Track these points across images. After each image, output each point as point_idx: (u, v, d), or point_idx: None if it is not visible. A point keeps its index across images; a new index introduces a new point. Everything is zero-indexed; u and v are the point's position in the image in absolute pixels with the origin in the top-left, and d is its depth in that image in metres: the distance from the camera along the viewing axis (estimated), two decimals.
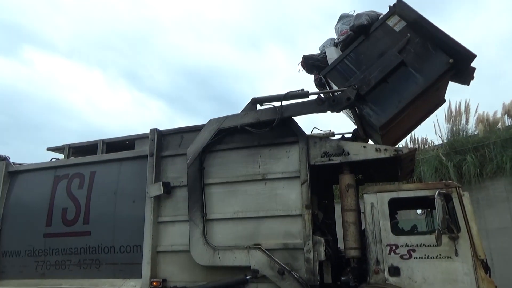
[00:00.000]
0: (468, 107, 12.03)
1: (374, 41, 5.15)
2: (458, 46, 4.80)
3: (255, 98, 5.51)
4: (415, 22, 4.99)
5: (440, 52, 4.82)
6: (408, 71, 4.86)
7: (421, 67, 4.85)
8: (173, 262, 5.54)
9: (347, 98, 4.94)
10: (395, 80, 4.87)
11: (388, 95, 4.90)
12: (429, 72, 4.82)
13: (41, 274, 6.32)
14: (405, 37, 4.96)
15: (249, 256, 5.04)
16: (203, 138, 5.61)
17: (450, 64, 4.78)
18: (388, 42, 5.05)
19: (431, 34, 4.89)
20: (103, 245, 5.98)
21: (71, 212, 6.26)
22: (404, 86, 4.85)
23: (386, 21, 5.13)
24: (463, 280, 4.40)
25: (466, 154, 10.97)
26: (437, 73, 4.81)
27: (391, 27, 5.08)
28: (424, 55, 4.87)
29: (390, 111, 4.86)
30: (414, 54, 4.87)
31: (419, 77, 4.82)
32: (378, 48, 5.09)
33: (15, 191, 6.95)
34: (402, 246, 4.68)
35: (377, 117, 4.89)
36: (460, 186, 4.85)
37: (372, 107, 4.95)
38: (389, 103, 4.88)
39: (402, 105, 4.84)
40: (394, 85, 4.88)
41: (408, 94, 4.84)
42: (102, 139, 6.76)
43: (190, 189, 5.52)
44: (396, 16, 5.08)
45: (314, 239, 4.89)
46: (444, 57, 4.79)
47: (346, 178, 5.12)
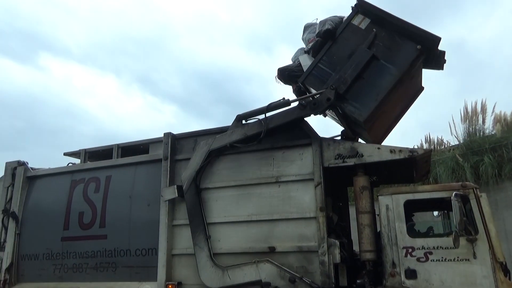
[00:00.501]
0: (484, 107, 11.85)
1: (344, 42, 5.30)
2: (423, 32, 4.93)
3: (239, 115, 5.66)
4: (378, 17, 5.17)
5: (407, 41, 4.98)
6: (381, 64, 5.00)
7: (392, 58, 4.99)
8: (188, 265, 5.56)
9: (327, 99, 5.00)
10: (370, 74, 5.00)
11: (366, 90, 4.99)
12: (400, 61, 4.95)
13: (59, 277, 6.42)
14: (371, 33, 5.12)
15: (258, 270, 5.05)
16: (195, 162, 5.69)
17: (418, 50, 4.90)
18: (357, 41, 5.19)
19: (395, 26, 5.06)
20: (119, 248, 6.04)
21: (88, 216, 6.36)
22: (379, 79, 4.96)
23: (351, 21, 5.31)
24: (481, 283, 4.31)
25: (483, 154, 10.78)
26: (408, 60, 4.93)
27: (356, 26, 5.26)
28: (393, 47, 5.02)
29: (371, 105, 4.93)
30: (383, 47, 5.03)
31: (392, 68, 4.95)
32: (349, 48, 5.22)
33: (33, 195, 7.08)
34: (418, 248, 4.62)
35: (359, 112, 4.96)
36: (478, 187, 4.77)
37: (353, 104, 5.02)
38: (368, 97, 4.97)
39: (381, 97, 4.92)
40: (370, 79, 5.00)
41: (385, 85, 4.94)
42: (117, 143, 6.85)
43: (190, 213, 5.56)
44: (359, 15, 5.27)
45: (329, 241, 4.86)
46: (411, 45, 4.93)
47: (361, 180, 5.07)
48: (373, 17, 5.22)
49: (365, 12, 5.27)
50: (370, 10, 5.24)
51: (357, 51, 5.09)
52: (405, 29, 5.00)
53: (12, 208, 6.98)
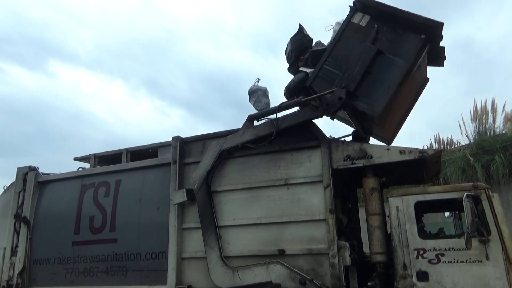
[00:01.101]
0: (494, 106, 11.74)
1: (346, 41, 5.24)
2: (424, 20, 4.86)
3: (251, 115, 5.67)
4: (378, 12, 5.12)
5: (410, 32, 4.93)
6: (387, 58, 4.95)
7: (398, 51, 4.94)
8: (198, 269, 5.57)
9: (339, 98, 4.92)
10: (378, 69, 4.95)
11: (376, 85, 4.93)
12: (407, 53, 4.91)
13: (70, 282, 6.47)
14: (373, 29, 5.08)
15: (269, 271, 5.03)
16: (206, 162, 5.69)
17: (423, 39, 4.88)
18: (359, 38, 5.15)
19: (396, 18, 5.01)
20: (129, 252, 6.07)
21: (98, 220, 6.40)
22: (388, 73, 4.91)
23: (351, 20, 5.26)
24: (495, 284, 4.25)
25: (494, 154, 10.66)
26: (414, 51, 4.90)
27: (357, 24, 5.22)
28: (397, 39, 4.98)
29: (383, 99, 4.85)
30: (387, 41, 4.99)
31: (399, 60, 4.91)
32: (353, 46, 5.16)
33: (44, 200, 7.15)
34: (430, 250, 4.57)
35: (372, 108, 4.88)
36: (489, 187, 4.71)
37: (365, 101, 4.93)
38: (379, 92, 4.90)
39: (392, 90, 4.85)
40: (379, 74, 4.94)
41: (394, 78, 4.88)
42: (126, 148, 6.89)
43: (201, 214, 5.57)
44: (358, 13, 5.23)
45: (339, 244, 4.83)
46: (415, 35, 4.90)
47: (370, 181, 5.04)
48: (373, 12, 5.18)
49: (364, 9, 5.23)
50: (369, 6, 5.19)
51: (361, 48, 5.05)
52: (406, 19, 4.95)
53: (23, 213, 7.06)
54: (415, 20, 4.91)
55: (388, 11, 5.05)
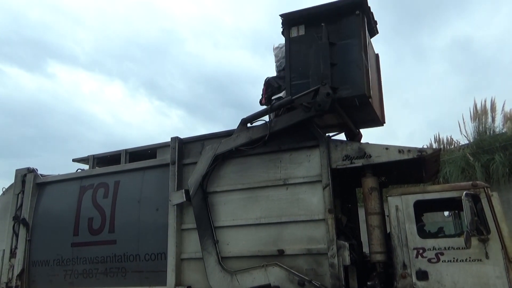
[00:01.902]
0: (494, 105, 11.73)
1: (297, 54, 5.50)
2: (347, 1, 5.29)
3: (244, 119, 5.67)
4: (306, 18, 5.46)
5: (344, 16, 5.33)
6: (341, 44, 5.26)
7: (346, 34, 5.29)
8: (198, 269, 5.55)
9: (326, 95, 4.95)
10: (340, 58, 5.21)
11: (346, 70, 5.17)
12: (353, 32, 5.28)
13: (69, 283, 6.45)
14: (313, 32, 5.38)
15: (267, 274, 5.03)
16: (201, 167, 5.69)
17: (359, 14, 5.29)
18: (307, 45, 5.42)
19: (324, 13, 5.36)
20: (129, 253, 6.06)
21: (97, 221, 6.38)
22: (349, 55, 5.21)
23: (290, 36, 5.57)
24: (495, 283, 4.24)
25: (494, 153, 10.65)
26: (358, 27, 5.29)
27: (297, 36, 5.54)
28: (339, 27, 5.33)
29: (360, 76, 5.10)
30: (332, 33, 5.27)
31: (351, 41, 5.26)
32: (305, 54, 5.40)
33: (43, 202, 7.14)
34: (429, 249, 4.56)
35: (356, 88, 5.08)
36: (489, 186, 4.71)
37: (346, 87, 5.11)
38: (352, 73, 5.14)
39: (361, 66, 5.13)
40: (343, 61, 5.20)
41: (357, 56, 5.19)
42: (125, 149, 6.88)
43: (198, 219, 5.57)
44: (293, 28, 5.56)
45: (338, 243, 4.82)
46: (351, 16, 5.30)
47: (369, 181, 5.04)
48: (302, 20, 5.50)
49: (293, 22, 5.55)
50: (295, 18, 5.53)
51: (314, 50, 5.27)
52: (334, 10, 5.32)
53: (22, 215, 7.04)
54: (339, 4, 5.29)
55: (312, 11, 5.41)
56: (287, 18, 5.59)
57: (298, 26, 5.54)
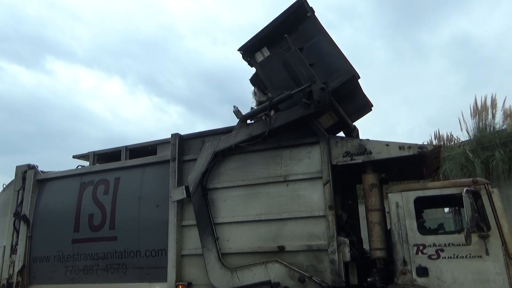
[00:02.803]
0: (494, 101, 11.71)
1: (272, 72, 5.68)
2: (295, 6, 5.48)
3: (243, 116, 5.68)
4: (264, 40, 5.65)
5: (299, 23, 5.58)
6: (310, 45, 5.47)
7: (310, 35, 5.51)
8: (198, 266, 5.56)
9: (321, 89, 4.97)
10: (315, 56, 5.40)
11: (327, 62, 5.34)
12: (315, 30, 5.53)
13: (70, 279, 6.47)
14: (277, 48, 5.59)
15: (268, 270, 5.04)
16: (201, 164, 5.70)
17: (311, 15, 5.55)
18: (278, 61, 5.58)
19: (280, 28, 5.53)
20: (129, 250, 6.07)
21: (97, 218, 6.39)
22: (323, 50, 5.43)
23: (258, 62, 5.76)
24: (495, 279, 4.25)
25: (494, 150, 10.65)
26: (316, 25, 5.56)
27: (264, 58, 5.72)
28: (300, 33, 5.54)
29: (343, 62, 5.33)
30: (297, 39, 5.46)
31: (317, 38, 5.49)
32: (279, 69, 5.55)
33: (44, 198, 7.15)
34: (429, 245, 4.57)
35: (343, 73, 5.26)
36: (489, 182, 4.70)
37: (334, 76, 5.25)
38: (334, 62, 5.34)
39: (337, 52, 5.40)
40: (318, 57, 5.41)
41: (330, 47, 5.44)
42: (125, 145, 6.87)
43: (198, 216, 5.58)
44: (257, 53, 5.75)
45: (339, 240, 4.83)
46: (305, 19, 5.55)
47: (370, 177, 5.04)
48: (263, 43, 5.68)
49: (254, 49, 5.73)
50: (255, 44, 5.69)
51: (287, 62, 5.36)
52: (285, 22, 5.51)
53: (23, 211, 7.06)
54: (289, 14, 5.49)
55: (267, 31, 5.58)
56: (246, 49, 5.77)
57: (260, 50, 5.74)
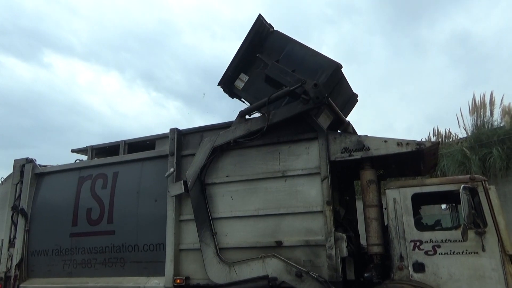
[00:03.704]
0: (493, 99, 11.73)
1: (256, 93, 5.80)
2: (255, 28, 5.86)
3: (242, 111, 5.70)
4: (240, 67, 5.95)
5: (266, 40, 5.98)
6: (283, 57, 5.74)
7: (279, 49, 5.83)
8: (196, 260, 5.59)
9: (314, 85, 5.01)
10: (292, 63, 5.59)
11: (305, 66, 5.52)
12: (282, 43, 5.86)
13: (68, 273, 6.49)
14: (254, 69, 5.92)
15: (265, 265, 5.06)
16: (199, 160, 5.71)
17: (273, 30, 6.00)
18: (259, 81, 5.72)
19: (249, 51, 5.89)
20: (127, 244, 6.09)
21: (96, 212, 6.40)
22: (296, 56, 5.70)
23: (240, 88, 6.01)
24: (490, 276, 4.29)
25: (491, 147, 10.68)
26: (282, 37, 5.93)
27: (245, 83, 5.98)
28: (270, 49, 5.92)
29: (319, 58, 5.55)
30: (269, 56, 5.82)
31: (288, 48, 5.80)
32: (263, 87, 5.64)
33: (42, 192, 7.15)
34: (426, 241, 4.60)
35: (327, 67, 5.39)
36: (486, 179, 4.72)
37: (319, 73, 5.35)
38: (312, 63, 5.52)
39: (312, 52, 5.65)
40: (296, 63, 5.59)
41: (302, 51, 5.71)
42: (123, 140, 6.87)
43: (196, 210, 5.59)
44: (235, 82, 6.03)
45: (336, 235, 4.86)
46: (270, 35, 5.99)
47: (368, 173, 5.06)
48: (238, 70, 5.96)
49: (232, 79, 6.00)
50: (231, 74, 5.97)
51: (269, 78, 5.48)
52: (253, 42, 5.89)
53: (21, 205, 7.06)
54: (253, 35, 5.85)
55: (238, 59, 5.90)
56: (224, 82, 6.03)
57: (238, 77, 6.00)
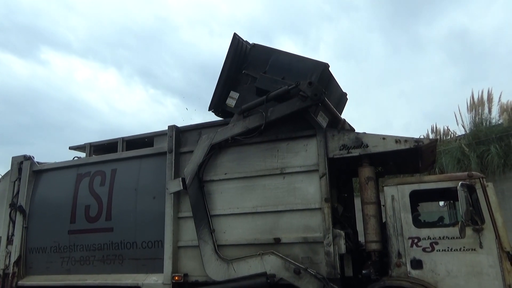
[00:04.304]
0: (491, 96, 11.73)
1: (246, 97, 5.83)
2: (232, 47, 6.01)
3: (241, 109, 5.69)
4: (228, 84, 6.00)
5: (249, 54, 6.12)
6: (269, 67, 5.78)
7: (263, 61, 5.89)
8: (194, 257, 5.59)
9: (309, 84, 5.04)
10: (280, 72, 5.63)
11: (293, 72, 5.52)
12: (265, 54, 5.94)
13: (66, 270, 6.49)
14: (243, 85, 5.99)
15: (263, 262, 5.07)
16: (197, 157, 5.71)
17: (252, 44, 6.18)
18: (251, 95, 5.73)
19: (233, 70, 6.01)
20: (126, 241, 6.09)
21: (94, 209, 6.40)
22: (282, 64, 5.75)
23: (232, 106, 5.97)
24: (488, 272, 4.30)
25: (489, 144, 10.69)
26: (264, 51, 6.04)
27: (236, 100, 5.96)
28: (254, 63, 6.02)
29: (305, 62, 5.59)
30: (256, 69, 5.90)
31: (272, 58, 5.84)
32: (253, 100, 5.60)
33: (40, 189, 7.15)
34: (424, 238, 4.62)
35: (315, 69, 5.40)
36: (484, 176, 4.73)
37: (308, 77, 5.30)
38: (300, 67, 5.55)
39: (298, 57, 5.75)
40: (284, 70, 5.63)
41: (287, 58, 5.82)
42: (122, 137, 6.87)
43: (194, 208, 5.60)
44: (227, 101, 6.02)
45: (334, 232, 4.86)
46: (252, 50, 6.14)
47: (366, 170, 5.06)
48: (228, 88, 6.01)
49: (223, 99, 6.02)
50: (222, 95, 6.00)
51: (260, 90, 5.55)
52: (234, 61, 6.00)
53: (19, 202, 7.06)
54: (233, 54, 5.98)
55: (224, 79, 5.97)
56: (214, 105, 6.06)
57: (228, 96, 6.02)
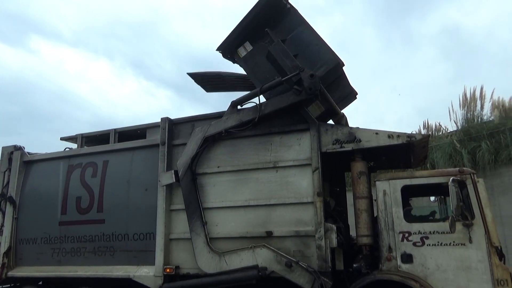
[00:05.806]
0: (483, 93, 11.80)
1: (257, 65, 5.72)
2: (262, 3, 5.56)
3: (234, 101, 5.69)
4: (246, 35, 5.72)
5: (279, 15, 5.69)
6: (292, 36, 5.53)
7: (290, 28, 5.61)
8: (186, 250, 5.59)
9: (310, 76, 4.97)
10: (297, 47, 5.44)
11: (308, 53, 5.40)
12: (295, 22, 5.61)
13: (57, 261, 6.46)
14: (259, 42, 5.70)
15: (255, 255, 5.09)
16: (190, 149, 5.68)
17: (290, 7, 5.65)
18: (261, 54, 5.60)
19: (260, 22, 5.62)
20: (117, 233, 6.07)
21: (85, 201, 6.36)
22: (306, 39, 5.49)
23: (240, 57, 5.81)
24: (477, 267, 4.36)
25: (481, 140, 10.78)
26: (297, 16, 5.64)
27: (247, 52, 5.78)
28: (281, 26, 5.68)
29: (323, 51, 5.37)
30: (279, 33, 5.58)
31: (298, 29, 5.56)
32: (263, 62, 5.56)
33: (30, 180, 7.08)
34: (415, 233, 4.65)
35: (328, 61, 5.29)
36: (475, 172, 4.78)
37: (318, 65, 5.26)
38: (316, 52, 5.38)
39: (320, 42, 5.44)
40: (301, 48, 5.45)
41: (311, 37, 5.49)
42: (114, 128, 6.81)
43: (187, 200, 5.59)
44: (238, 49, 5.82)
45: (326, 226, 4.89)
46: (284, 11, 5.65)
47: (358, 165, 5.08)
48: (243, 38, 5.74)
49: (235, 45, 5.79)
50: (234, 40, 5.74)
51: (271, 55, 5.34)
52: (264, 15, 5.59)
53: (9, 193, 6.99)
54: (265, 6, 5.52)
55: (244, 25, 5.63)
56: (225, 46, 5.81)
57: (242, 44, 5.77)
